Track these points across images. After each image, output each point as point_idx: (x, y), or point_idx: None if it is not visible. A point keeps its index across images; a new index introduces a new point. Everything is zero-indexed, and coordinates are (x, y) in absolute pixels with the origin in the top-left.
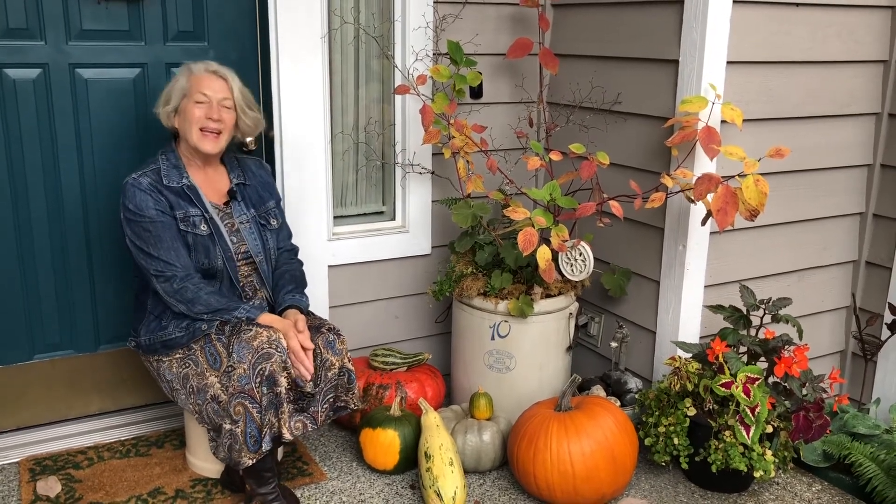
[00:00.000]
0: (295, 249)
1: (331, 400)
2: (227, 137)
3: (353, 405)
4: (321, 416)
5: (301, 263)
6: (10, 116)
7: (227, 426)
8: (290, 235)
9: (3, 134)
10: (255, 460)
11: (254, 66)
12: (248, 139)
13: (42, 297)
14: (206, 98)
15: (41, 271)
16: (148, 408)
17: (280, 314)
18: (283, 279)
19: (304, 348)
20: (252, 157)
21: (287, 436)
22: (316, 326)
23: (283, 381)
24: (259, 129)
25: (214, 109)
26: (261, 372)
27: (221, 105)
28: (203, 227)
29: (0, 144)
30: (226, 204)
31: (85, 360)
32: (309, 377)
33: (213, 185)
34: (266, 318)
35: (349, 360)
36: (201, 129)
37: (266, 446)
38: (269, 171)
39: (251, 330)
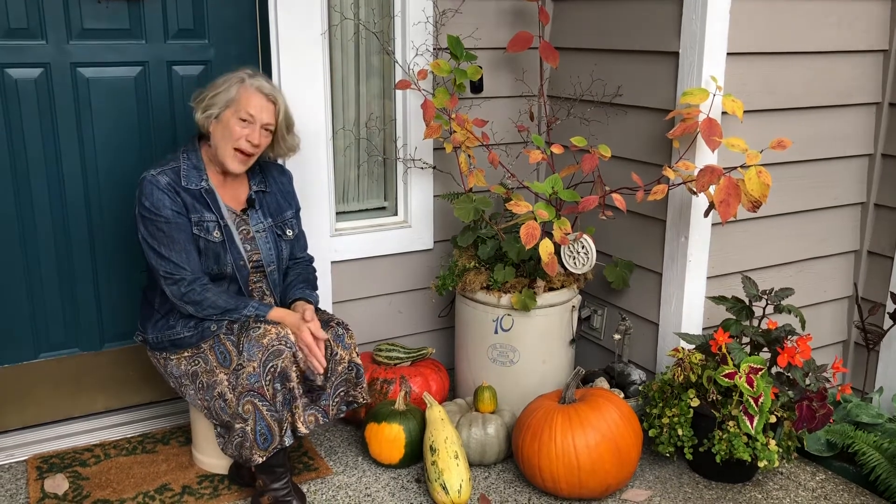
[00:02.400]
0: (310, 259)
1: (341, 394)
2: (255, 159)
3: (361, 399)
4: (332, 410)
5: (314, 270)
6: (12, 116)
7: (238, 425)
8: (305, 246)
9: (5, 133)
10: (265, 458)
11: (254, 62)
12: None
13: (46, 296)
14: (251, 118)
15: (45, 271)
16: (153, 405)
17: (288, 307)
18: (296, 280)
19: (316, 338)
20: (275, 163)
21: (302, 429)
22: (325, 321)
23: (295, 377)
24: (292, 154)
25: (256, 133)
26: (272, 369)
27: (263, 128)
28: (216, 234)
29: (3, 144)
30: (243, 211)
31: (90, 358)
32: (322, 369)
33: (231, 190)
34: (276, 312)
35: (357, 355)
36: (236, 149)
37: (288, 440)
38: (290, 179)
39: (259, 328)
